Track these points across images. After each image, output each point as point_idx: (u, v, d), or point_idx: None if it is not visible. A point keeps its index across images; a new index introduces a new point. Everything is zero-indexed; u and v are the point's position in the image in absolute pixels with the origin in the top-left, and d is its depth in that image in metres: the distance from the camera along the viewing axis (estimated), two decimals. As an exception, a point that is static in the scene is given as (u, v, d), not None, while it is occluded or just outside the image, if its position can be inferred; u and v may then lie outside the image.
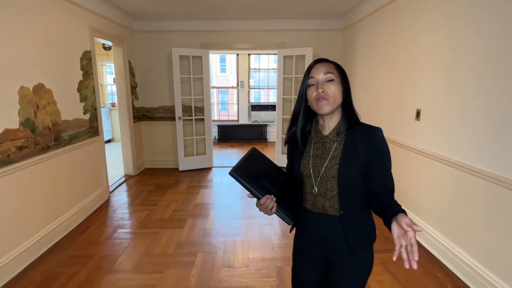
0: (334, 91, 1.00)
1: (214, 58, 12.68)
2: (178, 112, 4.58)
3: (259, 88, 7.78)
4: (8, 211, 2.15)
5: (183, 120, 4.67)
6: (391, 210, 0.93)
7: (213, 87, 8.58)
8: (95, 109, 3.39)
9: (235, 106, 7.51)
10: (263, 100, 7.83)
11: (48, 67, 2.58)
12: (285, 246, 2.55)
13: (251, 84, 7.56)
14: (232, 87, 7.45)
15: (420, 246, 2.51)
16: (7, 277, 2.10)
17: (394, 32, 3.02)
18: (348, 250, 1.07)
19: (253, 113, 7.34)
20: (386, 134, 3.57)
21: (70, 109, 2.92)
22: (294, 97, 4.63)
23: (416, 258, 0.79)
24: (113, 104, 7.17)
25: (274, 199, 1.03)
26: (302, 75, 4.07)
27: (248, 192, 1.04)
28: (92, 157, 3.32)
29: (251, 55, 7.31)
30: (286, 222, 1.11)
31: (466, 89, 2.06)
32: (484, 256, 1.93)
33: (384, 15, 3.23)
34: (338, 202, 1.04)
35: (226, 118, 8.72)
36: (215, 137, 7.17)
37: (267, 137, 7.27)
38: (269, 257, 2.39)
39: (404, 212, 0.90)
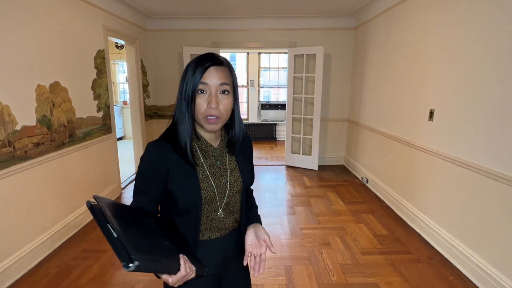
0: (227, 106, 0.86)
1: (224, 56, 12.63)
2: (189, 111, 4.61)
3: (269, 87, 7.77)
4: (25, 205, 2.22)
5: (194, 118, 4.71)
6: (251, 214, 1.04)
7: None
8: (108, 107, 3.45)
9: (245, 105, 7.52)
10: (272, 99, 7.81)
11: (63, 65, 2.65)
12: (294, 245, 2.55)
13: (261, 83, 7.56)
14: (242, 86, 7.45)
15: (432, 248, 2.47)
16: (23, 269, 2.16)
17: (407, 31, 2.97)
18: (242, 253, 0.99)
19: (262, 112, 7.34)
20: (398, 134, 3.47)
21: (84, 106, 2.98)
22: (304, 96, 4.61)
23: (261, 271, 0.93)
24: (125, 102, 7.28)
25: (185, 256, 0.75)
26: (314, 74, 4.00)
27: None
28: (105, 154, 3.39)
29: (261, 54, 7.31)
30: (200, 274, 0.78)
31: (482, 88, 2.01)
32: (499, 260, 1.89)
33: (397, 13, 3.18)
34: (239, 214, 0.99)
35: (235, 117, 8.71)
36: (224, 135, 7.18)
37: (277, 136, 7.27)
38: (278, 256, 2.39)
39: (260, 221, 1.02)
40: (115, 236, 0.64)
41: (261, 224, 1.01)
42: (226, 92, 0.86)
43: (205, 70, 0.84)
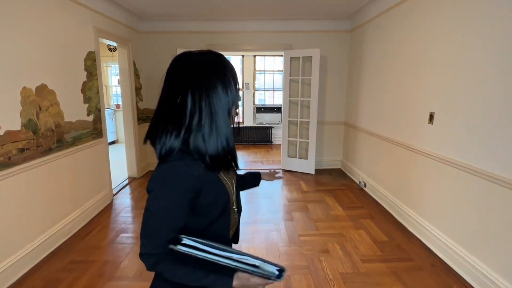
0: None
1: (219, 60, 12.47)
2: (183, 114, 4.51)
3: (264, 90, 7.70)
4: (8, 214, 2.09)
5: (188, 122, 4.61)
6: (247, 174, 1.25)
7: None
8: (99, 110, 3.34)
9: (240, 108, 7.44)
10: (268, 102, 7.74)
11: (51, 67, 2.53)
12: (292, 253, 2.46)
13: (256, 86, 7.49)
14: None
15: (433, 254, 2.41)
16: (6, 283, 2.03)
17: (405, 32, 2.93)
18: None
19: (258, 115, 7.27)
20: (397, 137, 3.40)
21: (74, 110, 2.87)
22: (301, 99, 4.55)
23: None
24: (117, 106, 7.14)
25: None
26: (310, 77, 3.91)
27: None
28: (96, 159, 3.27)
29: (256, 57, 7.25)
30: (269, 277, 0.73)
31: (484, 90, 1.96)
32: (505, 268, 1.83)
33: (394, 15, 3.14)
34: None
35: (230, 120, 8.61)
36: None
37: (272, 139, 7.19)
38: (276, 265, 2.30)
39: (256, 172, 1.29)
40: (255, 263, 0.72)
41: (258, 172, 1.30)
42: None
43: (236, 73, 0.83)
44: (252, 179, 1.25)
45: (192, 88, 0.75)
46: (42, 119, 2.42)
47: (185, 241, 0.72)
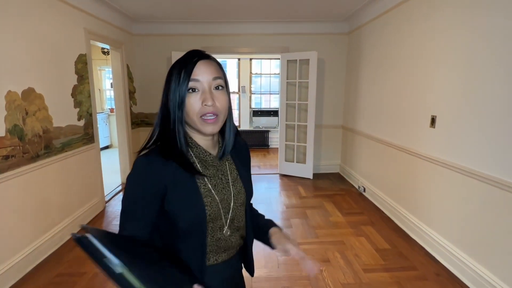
0: (224, 103, 0.76)
1: (215, 63, 12.36)
2: (178, 118, 4.41)
3: (260, 93, 7.63)
4: (-9, 226, 1.98)
5: (183, 126, 4.51)
6: (264, 220, 0.94)
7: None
8: (91, 115, 3.23)
9: (236, 112, 7.35)
10: (264, 106, 7.67)
11: (39, 70, 2.43)
12: (292, 263, 2.37)
13: (253, 89, 7.42)
14: (233, 92, 7.31)
15: (437, 263, 2.33)
16: (-12, 299, 1.92)
17: (404, 34, 2.87)
18: (241, 276, 0.96)
19: (254, 118, 7.19)
20: (397, 142, 3.29)
21: (63, 115, 2.76)
22: (298, 102, 4.47)
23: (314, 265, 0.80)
24: (111, 110, 7.02)
25: (201, 286, 0.65)
26: (307, 80, 3.82)
27: None
28: (87, 166, 3.15)
29: (252, 60, 7.19)
30: None
31: (487, 93, 1.89)
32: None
33: (393, 16, 3.09)
34: (244, 230, 0.89)
35: (227, 124, 8.52)
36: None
37: (269, 143, 7.11)
38: (274, 276, 2.20)
39: (276, 225, 0.91)
40: (119, 272, 0.55)
41: (276, 226, 0.91)
42: (220, 88, 0.76)
43: (194, 65, 0.74)
44: (260, 231, 0.92)
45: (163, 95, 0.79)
46: (29, 125, 2.31)
47: (89, 237, 0.57)
